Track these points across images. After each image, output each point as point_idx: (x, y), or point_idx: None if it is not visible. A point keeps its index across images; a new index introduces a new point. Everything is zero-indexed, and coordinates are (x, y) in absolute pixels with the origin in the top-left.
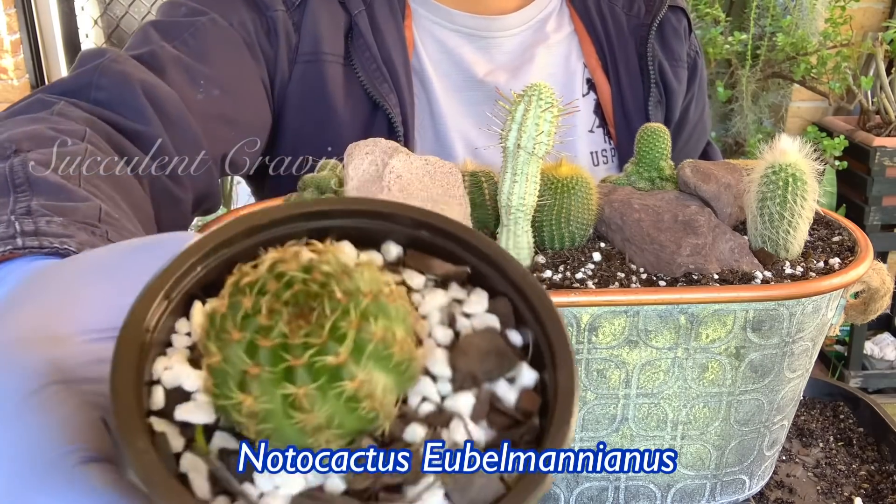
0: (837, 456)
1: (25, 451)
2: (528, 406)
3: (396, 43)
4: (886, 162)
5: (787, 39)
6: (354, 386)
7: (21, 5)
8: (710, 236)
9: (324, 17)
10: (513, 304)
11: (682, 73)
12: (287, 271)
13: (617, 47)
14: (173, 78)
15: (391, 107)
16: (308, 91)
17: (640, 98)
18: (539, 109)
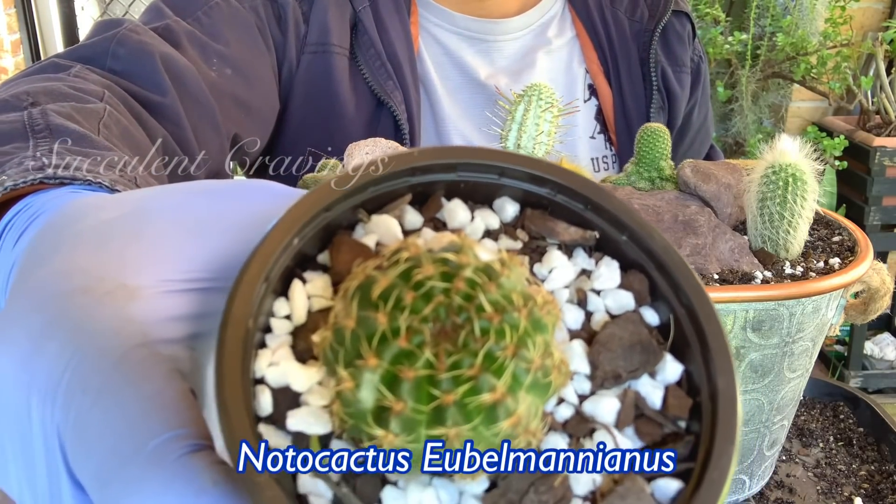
0: (837, 456)
1: (121, 434)
2: (678, 410)
3: (402, 40)
4: (886, 162)
5: (787, 39)
6: (512, 423)
7: (21, 5)
8: (710, 236)
9: (332, 8)
10: (649, 276)
11: (685, 78)
12: (425, 279)
13: (619, 53)
14: (188, 52)
15: (396, 104)
16: (314, 82)
17: (643, 104)
18: (539, 109)
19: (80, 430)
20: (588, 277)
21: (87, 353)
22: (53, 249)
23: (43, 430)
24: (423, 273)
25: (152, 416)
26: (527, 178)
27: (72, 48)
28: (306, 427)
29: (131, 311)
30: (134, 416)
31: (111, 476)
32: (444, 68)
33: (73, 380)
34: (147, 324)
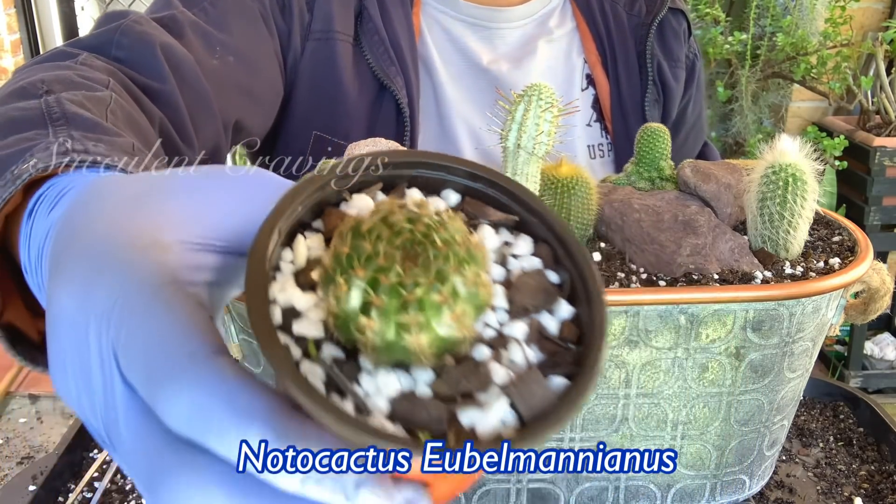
0: (837, 456)
1: (164, 344)
2: (569, 334)
3: (404, 28)
4: (886, 162)
5: (787, 39)
6: (453, 318)
7: (21, 5)
8: (710, 236)
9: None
10: (552, 249)
11: (680, 73)
12: (397, 222)
13: (617, 45)
14: (191, 42)
15: (398, 89)
16: (319, 68)
17: (638, 95)
18: (539, 109)
19: (130, 342)
20: (509, 247)
21: (132, 286)
22: (94, 215)
23: (99, 346)
24: (395, 218)
25: (186, 331)
26: (467, 175)
27: (79, 38)
28: (305, 331)
29: (165, 259)
30: (172, 331)
31: (158, 373)
32: (447, 53)
33: (123, 305)
34: (177, 269)
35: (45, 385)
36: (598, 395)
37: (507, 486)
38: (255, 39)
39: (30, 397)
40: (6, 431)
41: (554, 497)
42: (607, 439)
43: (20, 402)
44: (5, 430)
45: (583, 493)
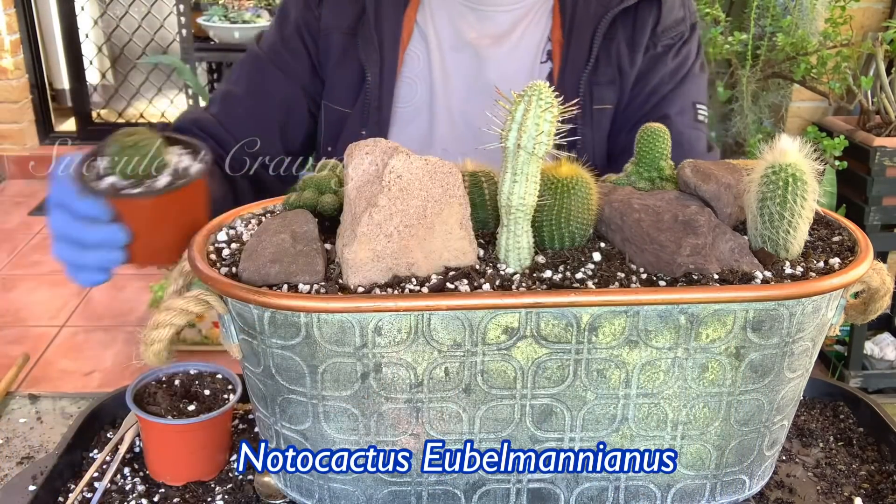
0: (837, 456)
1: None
2: None
3: (392, 26)
4: (886, 162)
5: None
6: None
7: (21, 5)
8: (710, 236)
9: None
10: None
11: (636, 57)
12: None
13: (576, 27)
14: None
15: (373, 75)
16: (322, 56)
17: (579, 71)
18: (539, 109)
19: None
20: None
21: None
22: None
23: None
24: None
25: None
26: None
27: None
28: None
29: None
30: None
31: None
32: (445, 30)
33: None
34: None
35: (45, 385)
36: (598, 395)
37: (507, 487)
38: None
39: (30, 397)
40: (6, 431)
41: (554, 497)
42: (607, 439)
43: (20, 402)
44: (5, 430)
45: (583, 493)
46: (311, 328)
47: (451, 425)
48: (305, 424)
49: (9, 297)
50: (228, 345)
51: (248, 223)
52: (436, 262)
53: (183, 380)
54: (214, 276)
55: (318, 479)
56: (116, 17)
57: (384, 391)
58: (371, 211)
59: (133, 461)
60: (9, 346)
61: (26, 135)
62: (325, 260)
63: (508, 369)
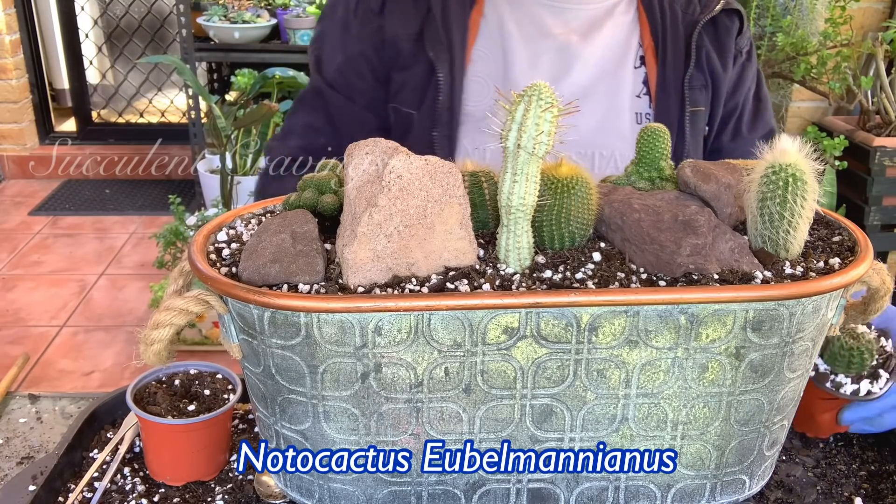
0: (837, 456)
1: None
2: None
3: (460, 26)
4: (886, 162)
5: (787, 39)
6: None
7: (21, 5)
8: (710, 236)
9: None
10: None
11: (728, 63)
12: None
13: (669, 35)
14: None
15: (444, 74)
16: (394, 61)
17: (681, 77)
18: (539, 109)
19: None
20: None
21: None
22: None
23: None
24: None
25: None
26: None
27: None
28: None
29: None
30: None
31: None
32: (524, 25)
33: None
34: None
35: (45, 385)
36: (598, 395)
37: (507, 486)
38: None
39: (30, 397)
40: (6, 431)
41: (554, 497)
42: (607, 439)
43: (20, 402)
44: (5, 430)
45: (583, 493)
46: (311, 328)
47: (451, 425)
48: (305, 424)
49: (9, 297)
50: (228, 345)
51: (248, 223)
52: (436, 262)
53: (183, 380)
54: (214, 276)
55: (318, 479)
56: (116, 17)
57: (384, 391)
58: (371, 211)
59: (133, 461)
60: (9, 346)
61: (26, 135)
62: (325, 260)
63: (508, 369)
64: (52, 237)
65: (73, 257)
